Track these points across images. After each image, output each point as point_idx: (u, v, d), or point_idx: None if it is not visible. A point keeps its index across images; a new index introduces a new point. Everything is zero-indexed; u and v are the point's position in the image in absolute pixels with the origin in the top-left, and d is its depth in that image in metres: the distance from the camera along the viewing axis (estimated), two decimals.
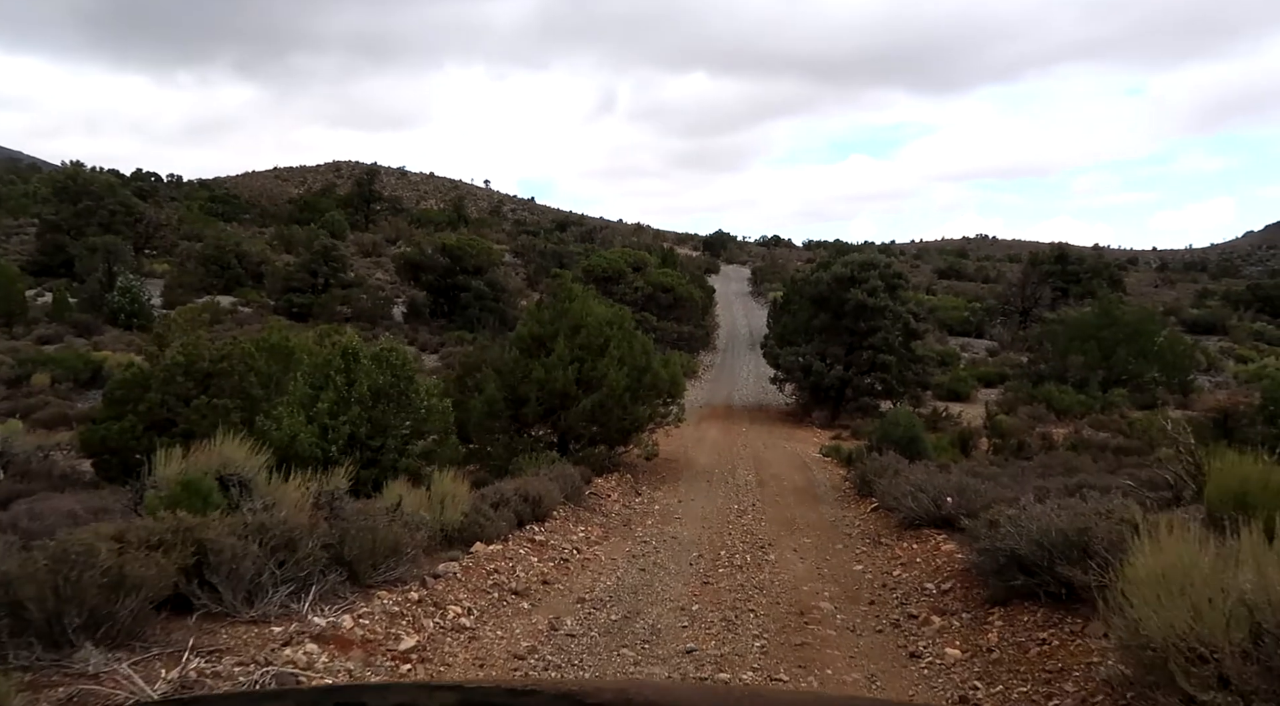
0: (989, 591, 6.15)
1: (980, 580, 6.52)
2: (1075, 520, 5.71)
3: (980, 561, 6.35)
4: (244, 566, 5.01)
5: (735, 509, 12.15)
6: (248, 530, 5.39)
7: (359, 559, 6.07)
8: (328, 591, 5.69)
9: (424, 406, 11.24)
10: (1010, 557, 5.93)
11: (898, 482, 10.41)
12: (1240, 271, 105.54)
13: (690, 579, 7.96)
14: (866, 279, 23.66)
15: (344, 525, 6.19)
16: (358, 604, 5.64)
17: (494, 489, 9.28)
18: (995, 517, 6.72)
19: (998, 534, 6.14)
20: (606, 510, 11.72)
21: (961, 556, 7.70)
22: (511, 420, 14.55)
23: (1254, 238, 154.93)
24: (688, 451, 18.35)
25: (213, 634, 4.64)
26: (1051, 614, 5.46)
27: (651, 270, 36.48)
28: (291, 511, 6.02)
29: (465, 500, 8.38)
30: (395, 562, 6.40)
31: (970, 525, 7.00)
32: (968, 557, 7.31)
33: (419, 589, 6.26)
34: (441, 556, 7.56)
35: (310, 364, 11.27)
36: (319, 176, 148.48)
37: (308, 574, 5.58)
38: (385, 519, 6.99)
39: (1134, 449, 21.02)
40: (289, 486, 6.39)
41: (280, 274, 43.59)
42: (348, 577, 5.98)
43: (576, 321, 14.63)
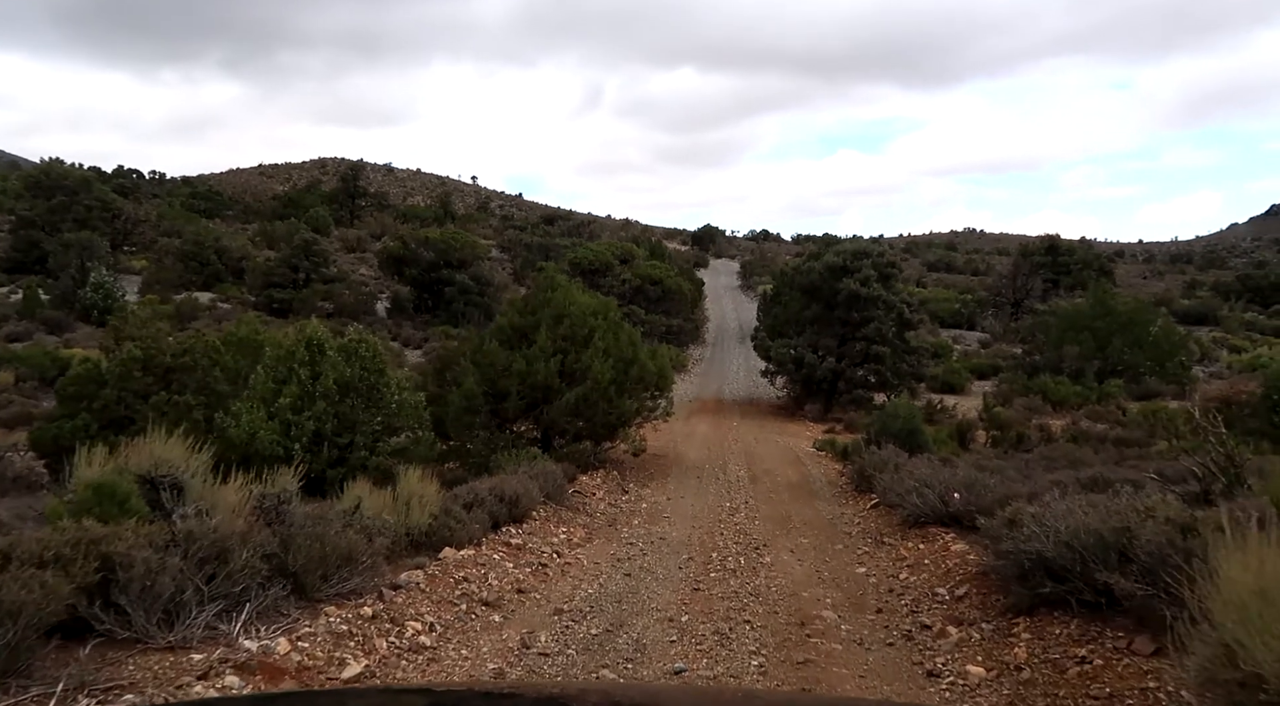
0: (1011, 598, 5.52)
1: (1000, 585, 5.88)
2: (1110, 519, 5.08)
3: (1000, 565, 5.72)
4: (161, 583, 4.32)
5: (727, 506, 11.51)
6: (170, 540, 4.70)
7: (306, 570, 5.38)
8: (267, 608, 5.01)
9: (395, 401, 10.54)
10: (1036, 561, 5.30)
11: (900, 478, 9.78)
12: (1226, 264, 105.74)
13: (679, 585, 7.31)
14: (859, 268, 23.04)
15: (289, 532, 5.50)
16: (300, 622, 4.96)
17: (467, 488, 8.60)
18: (1015, 516, 6.09)
19: (1020, 535, 5.51)
20: (591, 509, 11.06)
21: (975, 558, 7.07)
22: (491, 415, 13.85)
23: (1239, 230, 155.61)
24: (677, 446, 17.70)
25: (116, 665, 3.95)
26: (1087, 626, 4.82)
27: (639, 262, 35.76)
28: (227, 517, 5.33)
29: (434, 501, 7.70)
30: (349, 573, 5.72)
31: (987, 524, 6.36)
32: (983, 559, 6.68)
33: (375, 602, 5.58)
34: (406, 563, 6.88)
35: (273, 357, 10.56)
36: (304, 173, 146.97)
37: (242, 589, 4.90)
38: (339, 524, 6.31)
39: (1133, 440, 20.49)
40: (229, 489, 5.70)
41: (261, 269, 42.64)
42: (292, 591, 5.30)
43: (559, 311, 13.94)
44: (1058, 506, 5.68)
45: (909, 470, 9.63)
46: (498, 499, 8.64)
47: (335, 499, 7.27)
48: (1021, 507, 6.19)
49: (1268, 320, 52.10)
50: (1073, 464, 13.53)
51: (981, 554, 7.04)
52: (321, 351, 10.45)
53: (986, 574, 6.31)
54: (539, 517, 9.45)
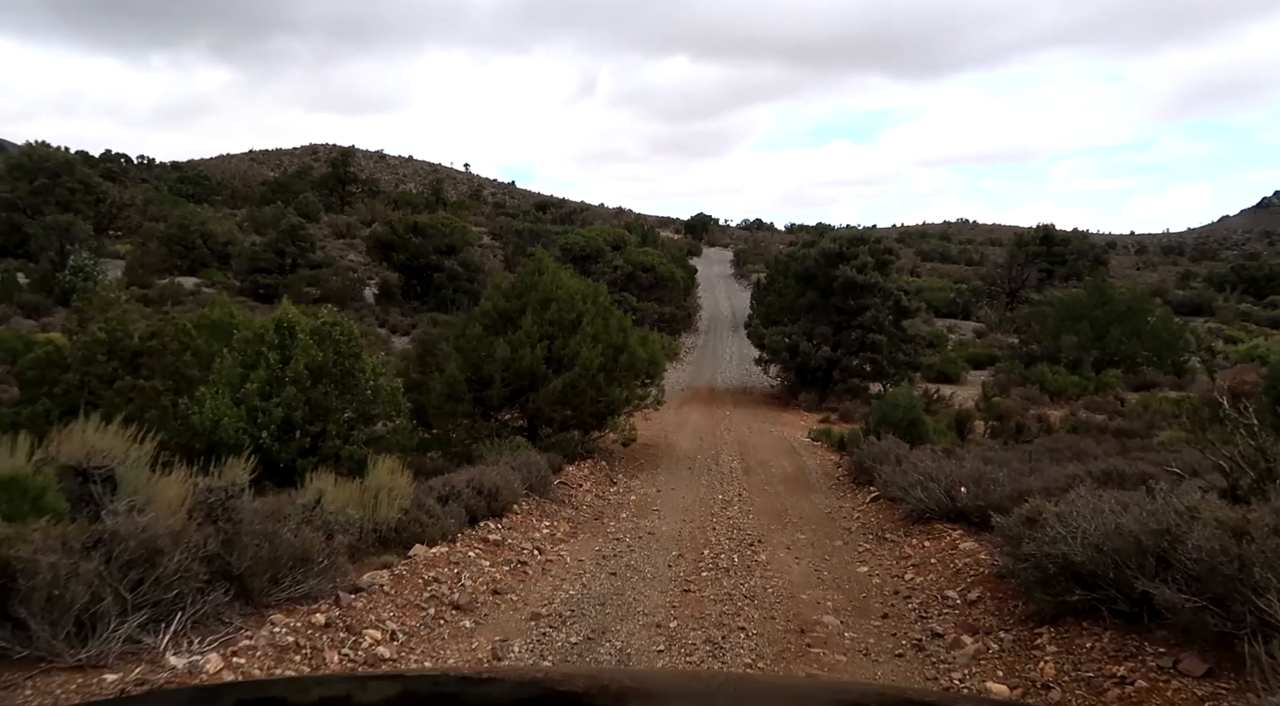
0: (1033, 605, 5.01)
1: (1018, 590, 5.38)
2: (1148, 521, 4.57)
3: (1021, 569, 5.20)
4: (73, 591, 3.78)
5: (719, 499, 10.99)
6: (91, 541, 4.15)
7: (252, 572, 4.84)
8: (205, 617, 4.47)
9: (370, 387, 9.97)
10: (1062, 566, 4.79)
11: (902, 470, 9.28)
12: (1218, 255, 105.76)
13: (668, 585, 6.79)
14: (856, 255, 22.50)
15: (235, 530, 4.96)
16: (242, 633, 4.42)
17: (443, 480, 8.06)
18: (1034, 515, 5.58)
19: (1043, 536, 4.99)
20: (577, 502, 10.53)
21: (986, 558, 6.57)
22: (475, 403, 13.30)
23: (1230, 222, 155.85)
24: (668, 436, 17.18)
25: (12, 689, 3.41)
26: (1123, 639, 4.32)
27: (631, 249, 35.11)
28: (164, 514, 4.78)
29: (406, 494, 7.16)
30: (304, 575, 5.18)
31: (1002, 523, 5.85)
32: (997, 560, 6.18)
33: (331, 608, 5.04)
34: (372, 563, 6.34)
35: (241, 340, 9.98)
36: (295, 159, 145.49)
37: (176, 596, 4.35)
38: (297, 520, 5.76)
39: (1134, 431, 20.07)
40: (171, 481, 5.14)
41: (246, 254, 41.88)
42: (236, 597, 4.76)
43: (546, 295, 13.37)
44: (1083, 505, 5.18)
45: (912, 462, 9.12)
46: (475, 491, 8.11)
47: (302, 491, 6.72)
48: (1041, 505, 5.67)
49: (1263, 311, 51.80)
50: (1078, 455, 13.04)
51: (994, 553, 6.54)
52: (292, 334, 9.87)
53: (1002, 576, 5.80)
54: (520, 511, 8.92)
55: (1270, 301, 55.65)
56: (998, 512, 7.18)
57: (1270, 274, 65.52)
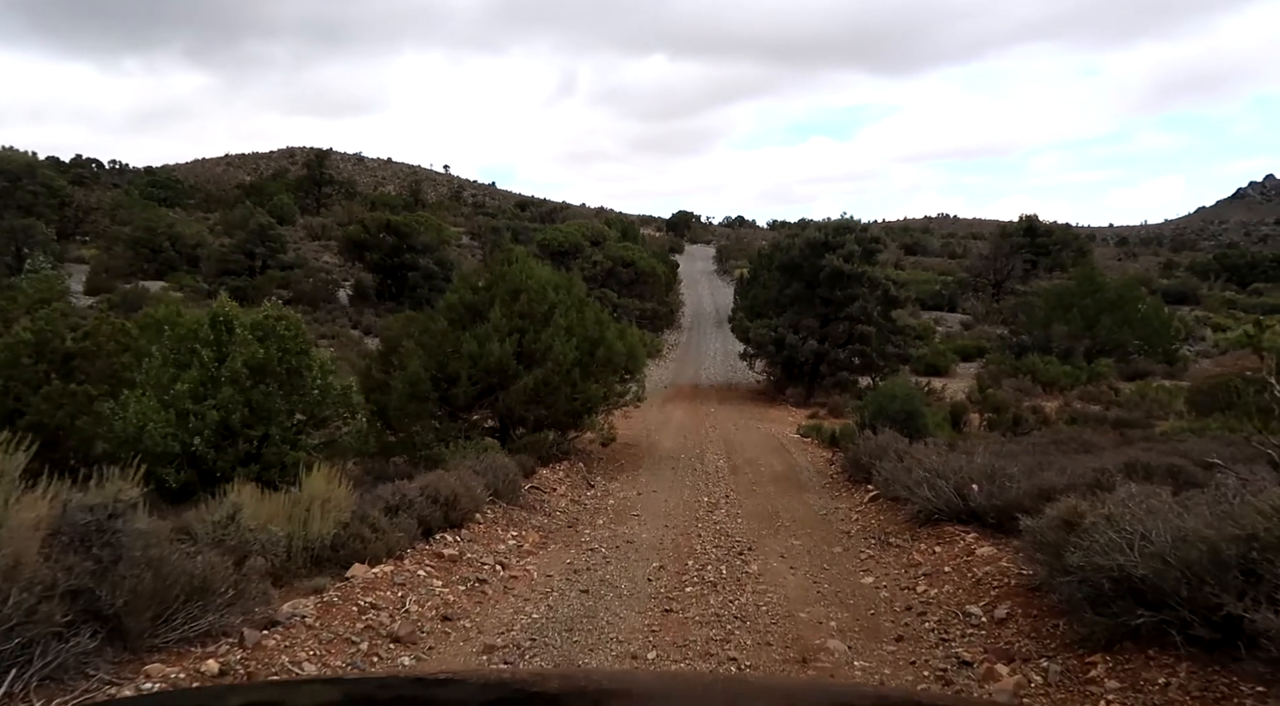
0: (1082, 628, 4.17)
1: (1060, 608, 4.55)
2: (1224, 524, 3.74)
3: (1064, 584, 4.37)
4: None
5: (705, 502, 10.14)
6: None
7: (131, 610, 3.94)
8: (61, 669, 3.56)
9: (317, 386, 9.05)
10: (1118, 580, 3.96)
11: (904, 467, 8.45)
12: (1196, 246, 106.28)
13: (648, 604, 5.93)
14: (842, 244, 21.71)
15: (111, 558, 4.05)
16: (104, 687, 3.52)
17: (392, 488, 7.15)
18: (1072, 516, 4.75)
19: (1092, 543, 4.16)
20: (549, 508, 9.65)
21: (1009, 565, 5.75)
22: (441, 403, 12.39)
23: (1205, 213, 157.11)
24: (650, 435, 16.32)
25: None
26: (1205, 673, 3.49)
27: (611, 244, 34.22)
28: (18, 540, 3.86)
29: (345, 505, 6.26)
30: (203, 608, 4.28)
31: (1032, 527, 5.02)
32: (1024, 570, 5.36)
33: (231, 650, 4.14)
34: (301, 587, 5.44)
35: (173, 337, 9.02)
36: (272, 163, 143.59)
37: (19, 645, 3.44)
38: (204, 542, 4.85)
39: (1133, 421, 19.41)
40: (33, 500, 4.22)
41: (215, 256, 40.68)
42: (108, 641, 3.85)
43: (516, 286, 12.48)
44: (1135, 505, 4.35)
45: (916, 458, 8.29)
46: (430, 500, 7.21)
47: (215, 505, 5.80)
48: (1078, 506, 4.85)
49: (1249, 298, 51.57)
50: (1085, 448, 12.30)
51: (1018, 560, 5.73)
52: (230, 330, 8.93)
53: (1035, 589, 4.98)
54: (484, 520, 8.03)
55: (1255, 289, 55.48)
56: (1018, 513, 6.36)
57: (1253, 261, 65.48)
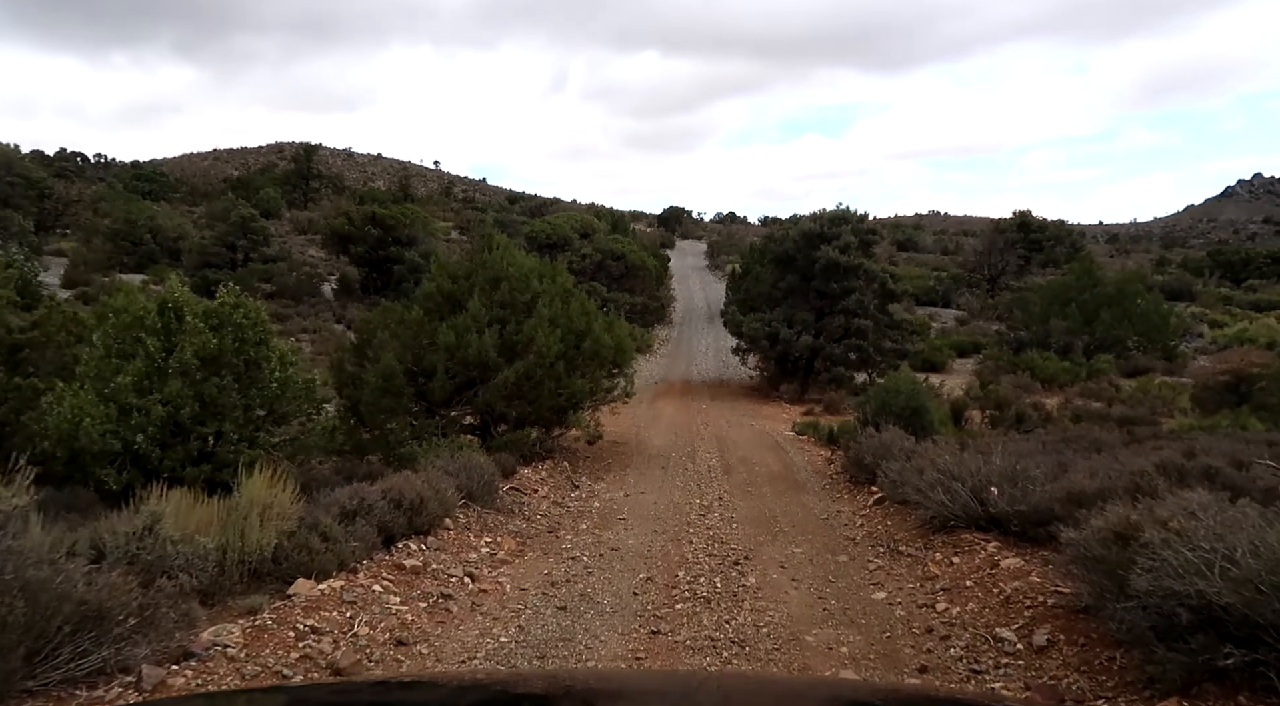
0: (1151, 666, 3.49)
1: (1114, 637, 3.87)
2: None
3: (1124, 611, 3.69)
4: None
5: (697, 504, 9.45)
6: None
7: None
8: None
9: (275, 378, 8.31)
10: (1197, 610, 3.28)
11: (913, 467, 7.77)
12: (1186, 243, 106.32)
13: (632, 624, 5.24)
14: (838, 235, 21.04)
15: None
16: None
17: (351, 491, 6.43)
18: (1125, 528, 4.07)
19: (1163, 565, 3.48)
20: (529, 511, 8.94)
21: (1041, 581, 5.07)
22: (417, 398, 11.68)
23: (1194, 211, 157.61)
24: (640, 432, 15.62)
25: None
26: None
27: (601, 236, 33.48)
28: None
29: (291, 511, 5.54)
30: (96, 641, 3.56)
31: (1076, 539, 4.34)
32: (1062, 587, 4.68)
33: (125, 692, 3.42)
34: (233, 608, 4.73)
35: (117, 325, 8.27)
36: (261, 158, 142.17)
37: None
38: (114, 558, 4.14)
39: (1139, 418, 18.81)
40: None
41: (196, 249, 39.77)
42: None
43: (496, 274, 11.76)
44: (1209, 517, 3.67)
45: (928, 458, 7.61)
46: (393, 504, 6.49)
47: (129, 514, 5.07)
48: (1129, 515, 4.17)
49: (1244, 294, 51.17)
50: (1096, 446, 11.66)
51: (1049, 575, 5.06)
52: (180, 317, 8.19)
53: (1079, 613, 4.30)
54: (455, 526, 7.32)
55: (1250, 285, 55.12)
56: (1046, 520, 5.70)
57: (1246, 258, 65.18)
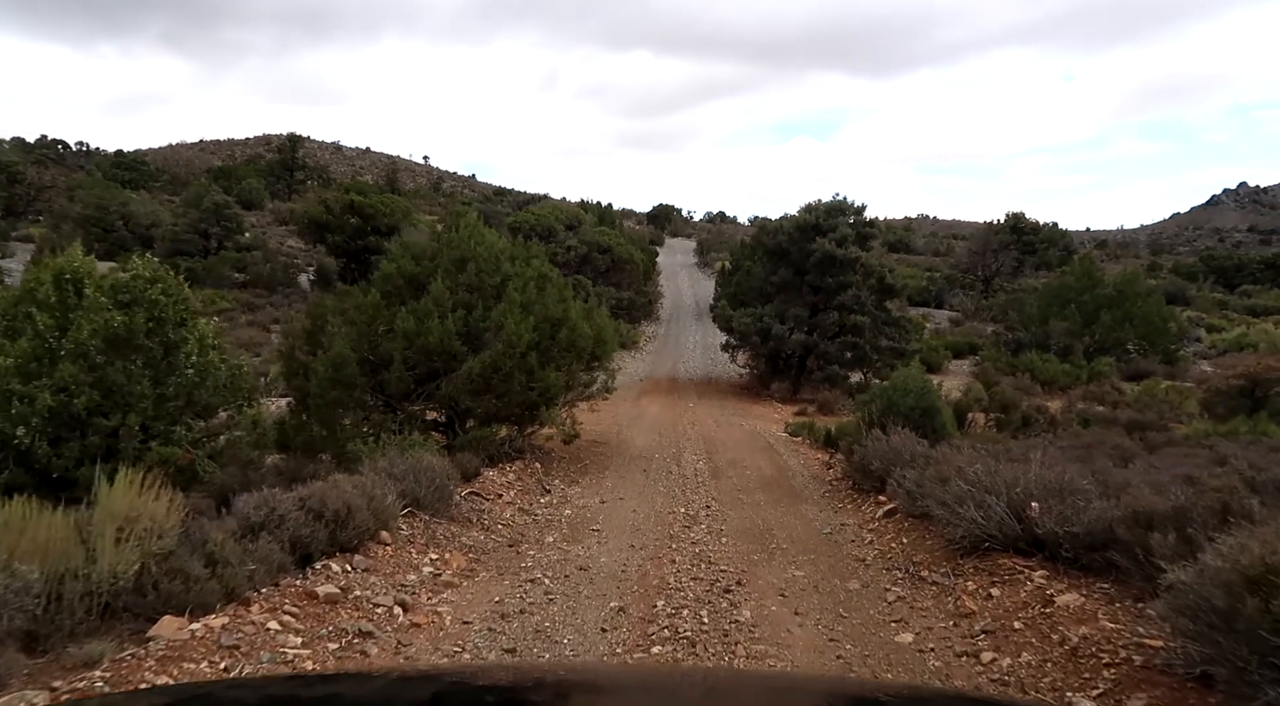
0: None
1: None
2: None
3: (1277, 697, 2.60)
4: None
5: (682, 513, 8.35)
6: None
7: None
8: None
9: (191, 363, 7.14)
10: None
11: (933, 476, 6.68)
12: (1173, 250, 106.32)
13: None
14: (835, 226, 19.99)
15: None
16: None
17: (257, 501, 5.27)
18: (1261, 573, 2.98)
19: None
20: (489, 520, 7.80)
21: (1117, 626, 3.98)
22: (374, 391, 10.53)
23: (1181, 219, 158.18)
24: (621, 432, 14.51)
25: None
26: None
27: (588, 228, 32.32)
28: None
29: (168, 527, 4.39)
30: None
31: (1189, 583, 3.25)
32: (1149, 638, 3.59)
33: None
34: (66, 659, 3.58)
35: (5, 298, 7.07)
36: (248, 149, 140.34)
37: None
38: None
39: (1149, 423, 17.85)
40: None
41: (168, 236, 38.36)
42: None
43: (463, 254, 10.62)
44: None
45: (950, 465, 6.51)
46: (312, 515, 5.34)
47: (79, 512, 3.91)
48: (1264, 554, 3.08)
49: (1239, 299, 50.51)
50: (1124, 454, 10.63)
51: (1115, 614, 3.98)
52: (79, 291, 7.01)
53: (1194, 681, 3.20)
54: (394, 540, 6.18)
55: (1244, 290, 54.47)
56: (1107, 545, 4.62)
57: (1239, 264, 64.59)
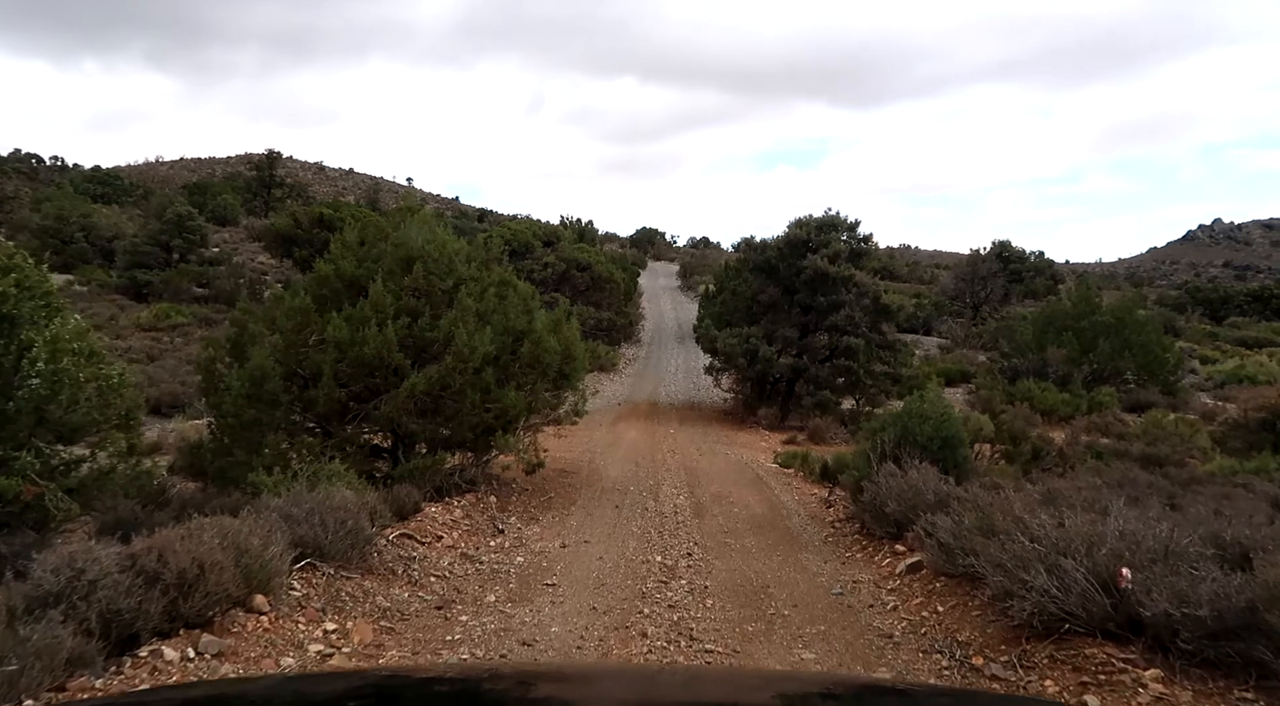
0: None
1: None
2: None
3: None
4: None
5: (658, 562, 6.89)
6: None
7: None
8: None
9: (35, 373, 5.62)
10: None
11: (975, 526, 5.25)
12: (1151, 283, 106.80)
13: None
14: (827, 242, 18.72)
15: None
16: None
17: (58, 559, 3.76)
18: None
19: None
20: (421, 571, 6.31)
21: None
22: (302, 410, 9.03)
23: (1157, 253, 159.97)
24: (594, 460, 13.04)
25: None
26: None
27: (566, 246, 30.95)
28: None
29: None
30: None
31: None
32: None
33: None
34: None
35: None
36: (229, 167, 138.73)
37: None
38: None
39: (1165, 458, 16.58)
40: None
41: (127, 248, 36.62)
42: None
43: (408, 254, 9.18)
44: None
45: (1007, 513, 5.07)
46: (144, 579, 3.85)
47: None
48: None
49: (1229, 331, 49.77)
50: (1170, 497, 9.28)
51: None
52: None
53: None
54: (274, 605, 4.68)
55: (1232, 322, 53.80)
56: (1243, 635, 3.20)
57: (1225, 296, 64.10)
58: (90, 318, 29.75)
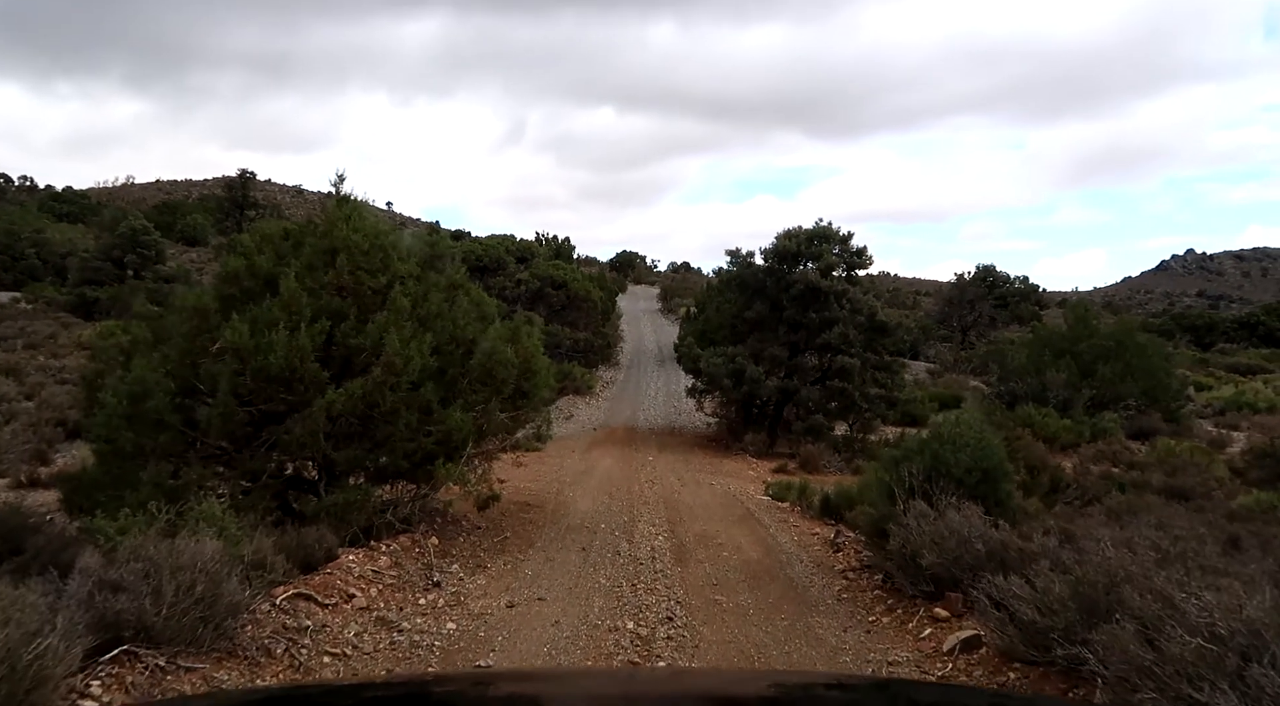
0: None
1: None
2: None
3: None
4: None
5: (629, 630, 5.33)
6: None
7: None
8: None
9: None
10: None
11: (1065, 592, 3.74)
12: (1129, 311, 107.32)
13: None
14: (819, 254, 17.37)
15: None
16: None
17: None
18: None
19: None
20: (310, 648, 4.71)
21: None
22: (201, 435, 7.41)
23: (1132, 282, 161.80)
24: (562, 491, 11.45)
25: None
26: None
27: (541, 262, 29.46)
28: None
29: None
30: None
31: None
32: None
33: None
34: None
35: None
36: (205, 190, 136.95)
37: None
38: None
39: (1188, 489, 15.20)
40: None
41: (78, 264, 34.79)
42: None
43: (331, 245, 7.63)
44: None
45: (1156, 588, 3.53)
46: None
47: None
48: None
49: (1219, 357, 48.99)
50: (1232, 539, 7.84)
51: None
52: None
53: None
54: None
55: (1220, 349, 53.08)
56: None
57: (1211, 323, 63.58)
58: (27, 336, 27.85)
